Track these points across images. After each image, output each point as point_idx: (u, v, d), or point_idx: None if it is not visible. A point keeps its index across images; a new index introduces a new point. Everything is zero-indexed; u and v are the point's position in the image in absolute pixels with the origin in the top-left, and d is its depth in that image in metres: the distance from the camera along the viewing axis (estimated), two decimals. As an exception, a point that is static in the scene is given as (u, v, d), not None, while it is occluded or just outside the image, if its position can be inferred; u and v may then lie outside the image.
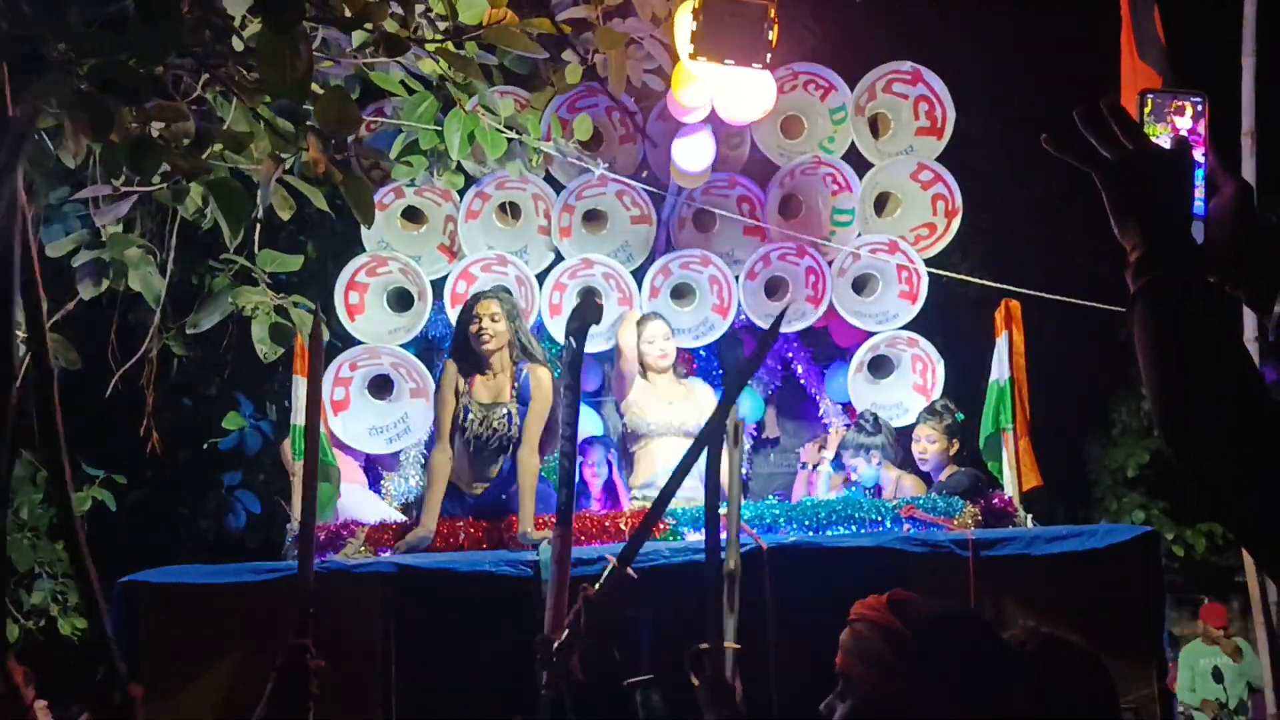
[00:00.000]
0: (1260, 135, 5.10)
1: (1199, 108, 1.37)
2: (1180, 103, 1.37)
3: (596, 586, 2.21)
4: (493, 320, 5.09)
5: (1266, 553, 1.24)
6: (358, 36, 3.26)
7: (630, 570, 2.31)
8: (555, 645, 2.18)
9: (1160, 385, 1.23)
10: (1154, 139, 1.33)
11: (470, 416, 5.07)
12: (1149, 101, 1.37)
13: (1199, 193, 1.33)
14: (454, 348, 5.30)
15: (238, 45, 3.03)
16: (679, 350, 5.76)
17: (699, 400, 5.56)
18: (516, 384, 5.13)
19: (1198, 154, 1.33)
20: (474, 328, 5.10)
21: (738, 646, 2.73)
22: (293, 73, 2.53)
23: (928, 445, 5.47)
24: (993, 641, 1.74)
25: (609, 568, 2.30)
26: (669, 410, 5.47)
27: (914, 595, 1.78)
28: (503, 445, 5.12)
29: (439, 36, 3.11)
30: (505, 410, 5.09)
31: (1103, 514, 11.09)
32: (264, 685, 2.49)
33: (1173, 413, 1.22)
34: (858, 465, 5.47)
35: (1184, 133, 1.35)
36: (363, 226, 5.35)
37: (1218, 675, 8.32)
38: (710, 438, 2.84)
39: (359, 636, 4.34)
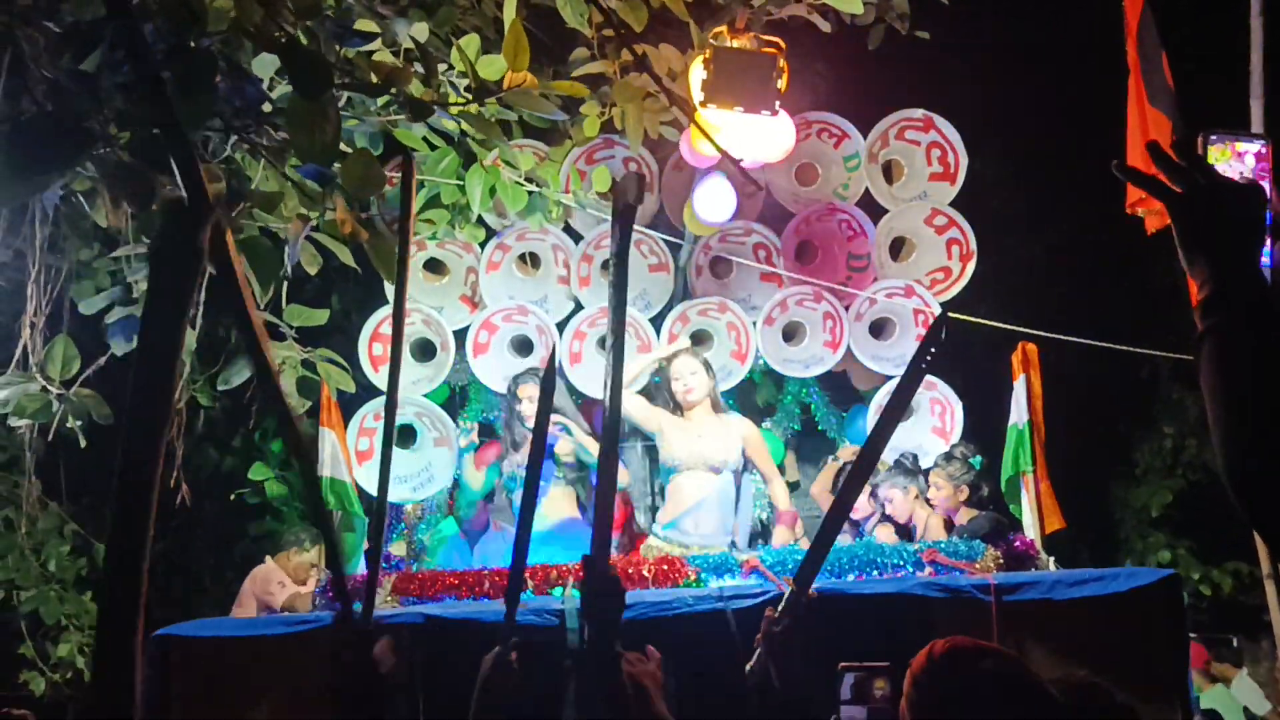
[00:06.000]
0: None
1: (1263, 152, 1.30)
2: (1244, 149, 1.30)
3: (778, 610, 2.21)
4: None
5: None
6: (382, 97, 3.35)
7: (811, 592, 2.30)
8: (748, 668, 2.19)
9: (1226, 435, 1.17)
10: None
11: None
12: (1210, 147, 1.30)
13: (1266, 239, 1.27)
14: None
15: (266, 107, 3.12)
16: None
17: (731, 433, 5.45)
18: None
19: None
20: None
21: None
22: (322, 137, 2.62)
23: (936, 492, 5.53)
24: (1028, 693, 1.72)
25: (789, 591, 2.31)
26: (698, 444, 5.38)
27: (961, 642, 1.77)
28: None
29: (461, 100, 3.20)
30: None
31: (1128, 554, 11.00)
32: None
33: (1240, 463, 1.16)
34: (893, 496, 5.51)
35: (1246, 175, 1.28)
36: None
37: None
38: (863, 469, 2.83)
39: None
